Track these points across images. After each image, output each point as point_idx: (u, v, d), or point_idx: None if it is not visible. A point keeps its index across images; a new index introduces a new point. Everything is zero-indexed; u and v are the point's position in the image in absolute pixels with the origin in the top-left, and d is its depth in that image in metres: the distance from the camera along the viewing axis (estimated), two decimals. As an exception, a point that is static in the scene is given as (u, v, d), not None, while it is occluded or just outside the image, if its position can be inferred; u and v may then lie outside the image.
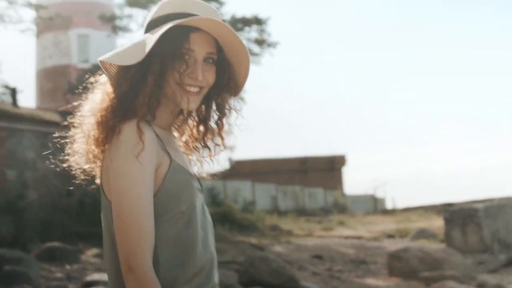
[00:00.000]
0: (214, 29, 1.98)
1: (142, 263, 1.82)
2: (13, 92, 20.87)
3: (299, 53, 78.25)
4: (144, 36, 2.00)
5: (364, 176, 74.58)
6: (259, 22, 26.99)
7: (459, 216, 14.60)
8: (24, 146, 15.49)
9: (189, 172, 2.02)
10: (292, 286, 9.79)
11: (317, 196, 38.77)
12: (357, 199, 42.48)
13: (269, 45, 27.51)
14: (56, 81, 29.73)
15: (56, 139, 2.11)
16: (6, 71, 63.45)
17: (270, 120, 72.79)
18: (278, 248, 17.13)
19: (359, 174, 65.27)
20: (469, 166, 69.34)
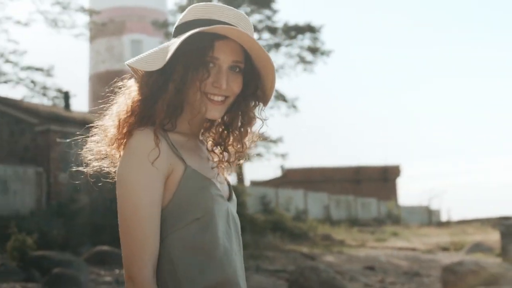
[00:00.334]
0: (239, 38, 1.91)
1: (141, 273, 1.81)
2: (66, 96, 21.24)
3: (354, 61, 77.87)
4: (170, 42, 1.96)
5: (419, 187, 73.78)
6: (313, 30, 26.92)
7: (516, 230, 14.21)
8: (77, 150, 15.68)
9: (207, 178, 1.94)
10: (342, 297, 9.64)
11: (371, 207, 38.42)
12: (411, 210, 42.03)
13: (323, 53, 27.41)
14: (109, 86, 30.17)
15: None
16: (59, 75, 65.06)
17: (324, 129, 72.64)
18: (330, 258, 17.00)
19: (414, 185, 64.58)
20: (527, 179, 67.78)
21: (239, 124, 2.08)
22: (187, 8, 2.01)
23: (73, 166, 2.07)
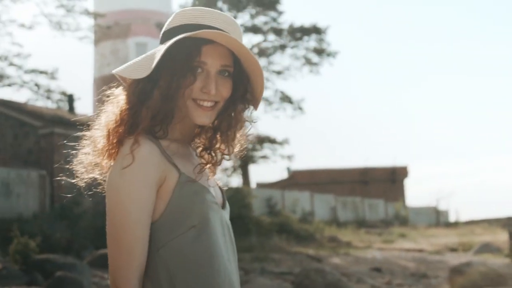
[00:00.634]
0: (228, 43, 1.88)
1: (128, 283, 1.78)
2: (70, 99, 21.23)
3: (360, 63, 77.78)
4: (157, 48, 1.92)
5: (427, 188, 73.55)
6: (318, 31, 26.92)
7: (525, 230, 14.13)
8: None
9: (202, 185, 1.91)
10: (348, 299, 9.56)
11: (378, 208, 38.32)
12: (419, 211, 41.92)
13: (329, 55, 27.41)
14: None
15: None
16: (64, 78, 65.14)
17: (330, 130, 72.55)
18: (336, 260, 16.93)
19: (421, 186, 64.36)
20: (536, 179, 67.52)
21: (227, 128, 2.04)
22: (174, 14, 1.98)
23: (73, 172, 2.03)
